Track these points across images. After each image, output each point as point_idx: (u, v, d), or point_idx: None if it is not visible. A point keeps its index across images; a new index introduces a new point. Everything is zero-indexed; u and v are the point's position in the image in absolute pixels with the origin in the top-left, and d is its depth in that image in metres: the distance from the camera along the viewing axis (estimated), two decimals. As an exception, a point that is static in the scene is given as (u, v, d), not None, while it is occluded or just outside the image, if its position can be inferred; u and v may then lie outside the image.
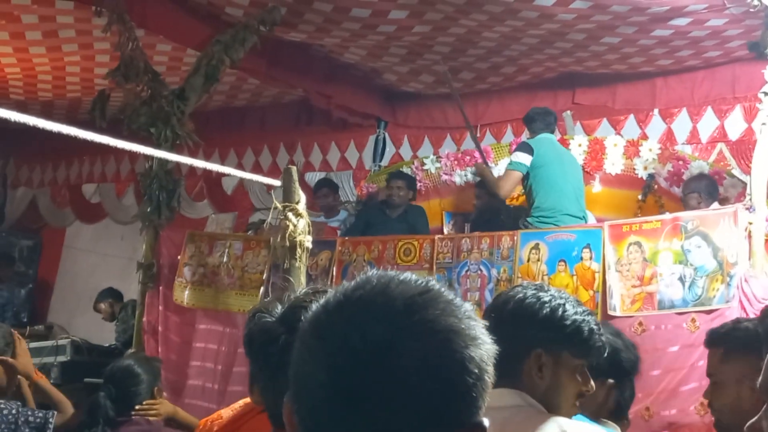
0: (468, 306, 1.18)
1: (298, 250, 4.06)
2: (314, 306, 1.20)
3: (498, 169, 7.59)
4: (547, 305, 2.23)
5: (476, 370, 1.12)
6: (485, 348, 1.15)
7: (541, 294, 2.26)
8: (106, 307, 9.06)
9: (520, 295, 2.27)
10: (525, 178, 6.56)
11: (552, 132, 6.76)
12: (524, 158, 6.47)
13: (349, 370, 1.10)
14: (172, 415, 4.23)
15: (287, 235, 4.04)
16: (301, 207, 4.11)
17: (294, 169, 4.24)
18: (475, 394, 1.12)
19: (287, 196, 4.14)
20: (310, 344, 1.16)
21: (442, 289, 1.17)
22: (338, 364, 1.10)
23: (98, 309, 9.15)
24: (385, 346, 1.09)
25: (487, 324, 1.19)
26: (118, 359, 4.30)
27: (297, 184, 4.17)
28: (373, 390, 1.09)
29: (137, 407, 3.92)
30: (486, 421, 1.14)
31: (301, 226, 4.09)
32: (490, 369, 1.15)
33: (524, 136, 7.54)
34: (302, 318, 1.22)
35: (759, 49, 5.24)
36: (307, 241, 4.09)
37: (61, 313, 10.89)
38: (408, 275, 1.18)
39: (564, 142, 7.27)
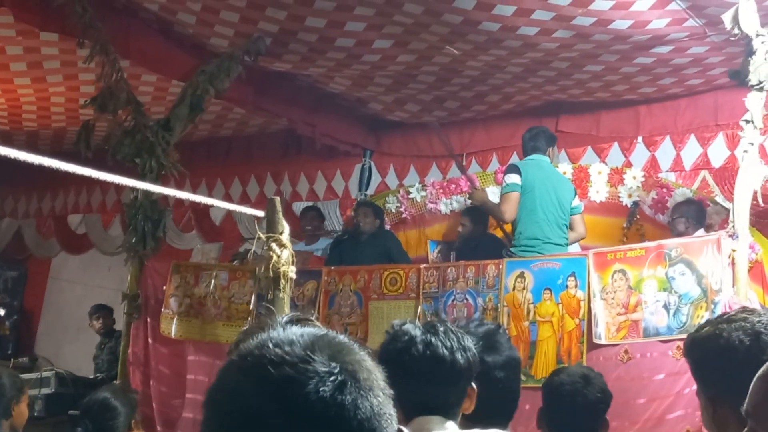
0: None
1: (282, 280, 4.05)
2: None
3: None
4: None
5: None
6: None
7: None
8: (98, 324, 8.99)
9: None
10: None
11: (543, 152, 6.71)
12: (516, 179, 6.43)
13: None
14: (151, 447, 4.19)
15: (271, 265, 4.04)
16: (285, 237, 4.11)
17: (278, 199, 4.23)
18: None
19: (271, 226, 4.13)
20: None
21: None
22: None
23: (91, 326, 9.12)
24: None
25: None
26: (94, 392, 4.27)
27: (281, 215, 4.17)
28: None
29: (116, 439, 3.89)
30: None
31: (284, 256, 4.09)
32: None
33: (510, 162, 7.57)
34: None
35: (740, 77, 5.26)
36: (291, 271, 4.09)
37: (48, 344, 10.82)
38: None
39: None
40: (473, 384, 2.41)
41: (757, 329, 2.15)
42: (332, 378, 1.08)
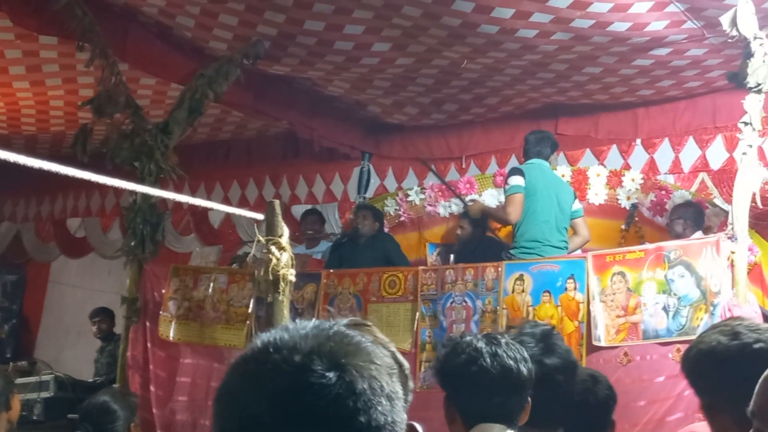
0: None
1: (282, 283, 4.06)
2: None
3: (482, 200, 7.60)
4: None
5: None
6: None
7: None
8: (95, 328, 8.98)
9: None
10: None
11: (546, 158, 6.75)
12: (520, 180, 6.46)
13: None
14: (151, 450, 4.19)
15: (270, 269, 4.04)
16: (285, 240, 4.11)
17: (277, 203, 4.24)
18: None
19: (270, 229, 4.13)
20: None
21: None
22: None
23: (92, 330, 9.12)
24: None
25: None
26: (93, 396, 4.26)
27: (280, 218, 4.17)
28: None
29: (115, 444, 3.88)
30: None
31: (284, 259, 4.09)
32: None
33: (509, 166, 7.58)
34: None
35: (738, 80, 5.26)
36: (291, 274, 4.09)
37: (48, 348, 10.80)
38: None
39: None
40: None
41: (736, 330, 2.17)
42: (327, 391, 1.08)
